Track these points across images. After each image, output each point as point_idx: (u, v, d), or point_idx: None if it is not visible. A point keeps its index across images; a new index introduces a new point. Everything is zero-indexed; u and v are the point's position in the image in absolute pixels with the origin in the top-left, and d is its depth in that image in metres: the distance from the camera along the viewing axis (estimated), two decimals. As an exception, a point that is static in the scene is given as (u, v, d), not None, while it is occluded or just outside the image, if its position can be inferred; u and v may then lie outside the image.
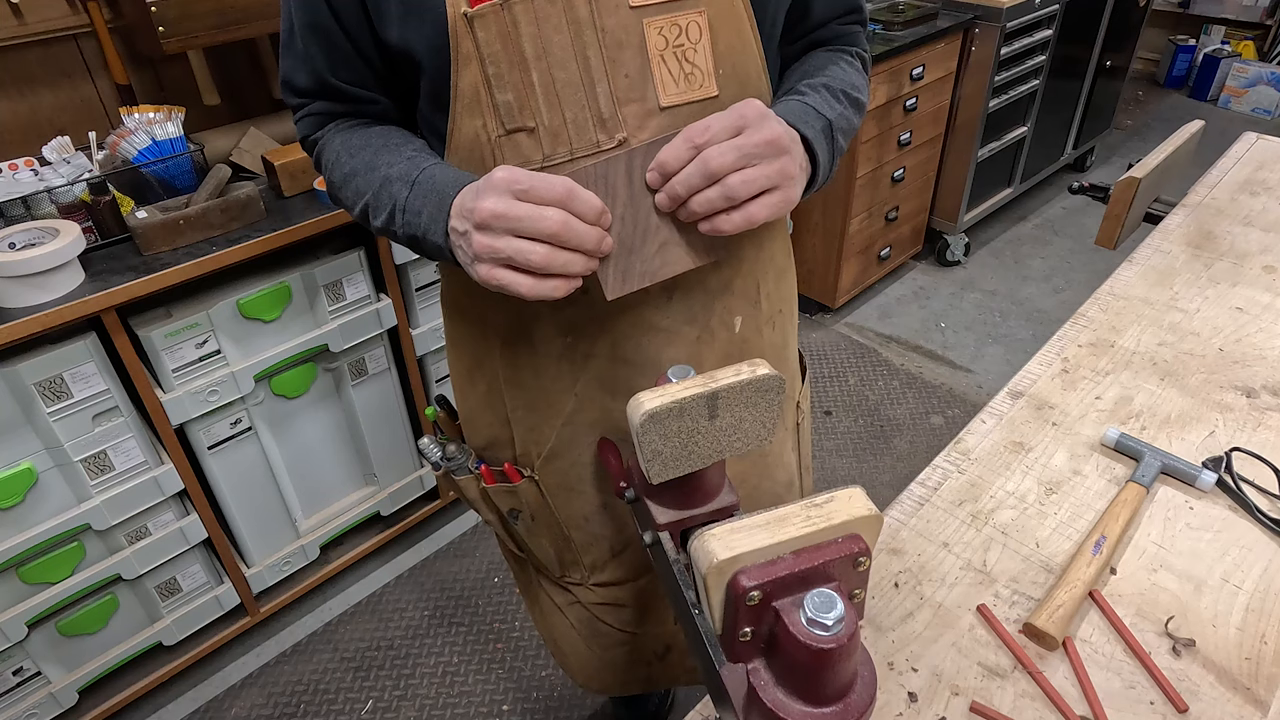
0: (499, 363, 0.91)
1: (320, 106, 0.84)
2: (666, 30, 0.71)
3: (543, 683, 1.80)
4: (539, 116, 0.72)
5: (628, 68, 0.71)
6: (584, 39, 0.70)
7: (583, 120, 0.72)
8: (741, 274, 0.88)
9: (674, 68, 0.73)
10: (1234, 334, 1.12)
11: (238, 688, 1.83)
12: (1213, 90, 4.68)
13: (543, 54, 0.70)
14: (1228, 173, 1.58)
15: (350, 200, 0.81)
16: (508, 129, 0.73)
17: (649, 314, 0.83)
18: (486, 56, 0.70)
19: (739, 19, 0.75)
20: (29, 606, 1.50)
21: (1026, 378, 1.07)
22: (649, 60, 0.71)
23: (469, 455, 1.00)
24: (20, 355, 1.35)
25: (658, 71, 0.72)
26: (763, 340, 0.93)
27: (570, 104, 0.72)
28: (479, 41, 0.69)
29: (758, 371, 0.58)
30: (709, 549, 0.48)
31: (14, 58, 1.61)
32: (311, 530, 1.93)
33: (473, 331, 0.92)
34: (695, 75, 0.73)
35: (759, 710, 0.50)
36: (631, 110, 0.73)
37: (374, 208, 0.77)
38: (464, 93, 0.72)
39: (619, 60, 0.71)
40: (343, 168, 0.80)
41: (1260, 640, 0.73)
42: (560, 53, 0.70)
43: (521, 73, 0.70)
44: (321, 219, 1.60)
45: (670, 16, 0.71)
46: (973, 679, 0.71)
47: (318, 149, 0.85)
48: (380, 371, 1.87)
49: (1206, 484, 0.88)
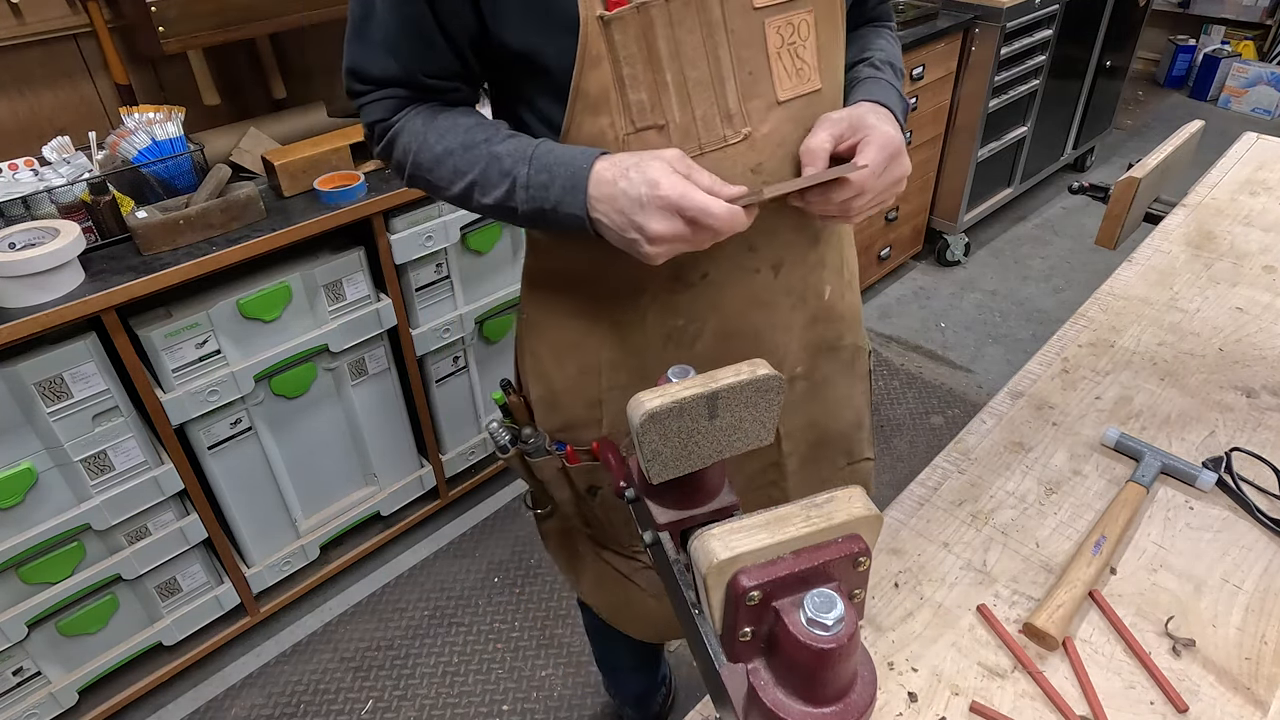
0: (603, 345, 0.93)
1: (396, 92, 0.83)
2: (783, 29, 0.77)
3: (543, 683, 1.80)
4: (670, 114, 0.76)
5: (751, 65, 0.76)
6: (715, 39, 0.74)
7: (711, 117, 0.77)
8: (832, 246, 0.95)
9: (788, 64, 0.78)
10: (1234, 334, 1.12)
11: (238, 688, 1.83)
12: (1213, 90, 4.68)
13: (676, 54, 0.73)
14: (1228, 173, 1.58)
15: (444, 180, 0.81)
16: (638, 127, 0.76)
17: (758, 291, 0.89)
18: (622, 58, 0.73)
19: (835, 15, 0.81)
20: (29, 606, 1.50)
21: (1026, 378, 1.07)
22: (768, 57, 0.77)
23: (545, 437, 1.02)
24: (20, 355, 1.35)
25: (775, 68, 0.78)
26: (844, 303, 1.01)
27: (700, 101, 0.76)
28: (615, 43, 0.72)
29: (758, 372, 0.58)
30: (709, 549, 0.48)
31: (14, 58, 1.61)
32: (311, 530, 1.93)
33: (573, 315, 0.95)
34: (804, 70, 0.80)
35: (759, 710, 0.50)
36: (755, 105, 0.78)
37: (482, 185, 0.78)
38: (589, 92, 0.74)
39: (744, 59, 0.76)
40: (432, 149, 0.81)
41: (1260, 640, 0.73)
42: (692, 52, 0.74)
43: (655, 73, 0.74)
44: (321, 219, 1.60)
45: (786, 16, 0.77)
46: (973, 679, 0.71)
47: (392, 132, 0.84)
48: (380, 371, 1.87)
49: (1206, 484, 0.88)
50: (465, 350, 2.04)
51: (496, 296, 2.02)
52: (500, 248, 1.98)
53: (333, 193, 1.64)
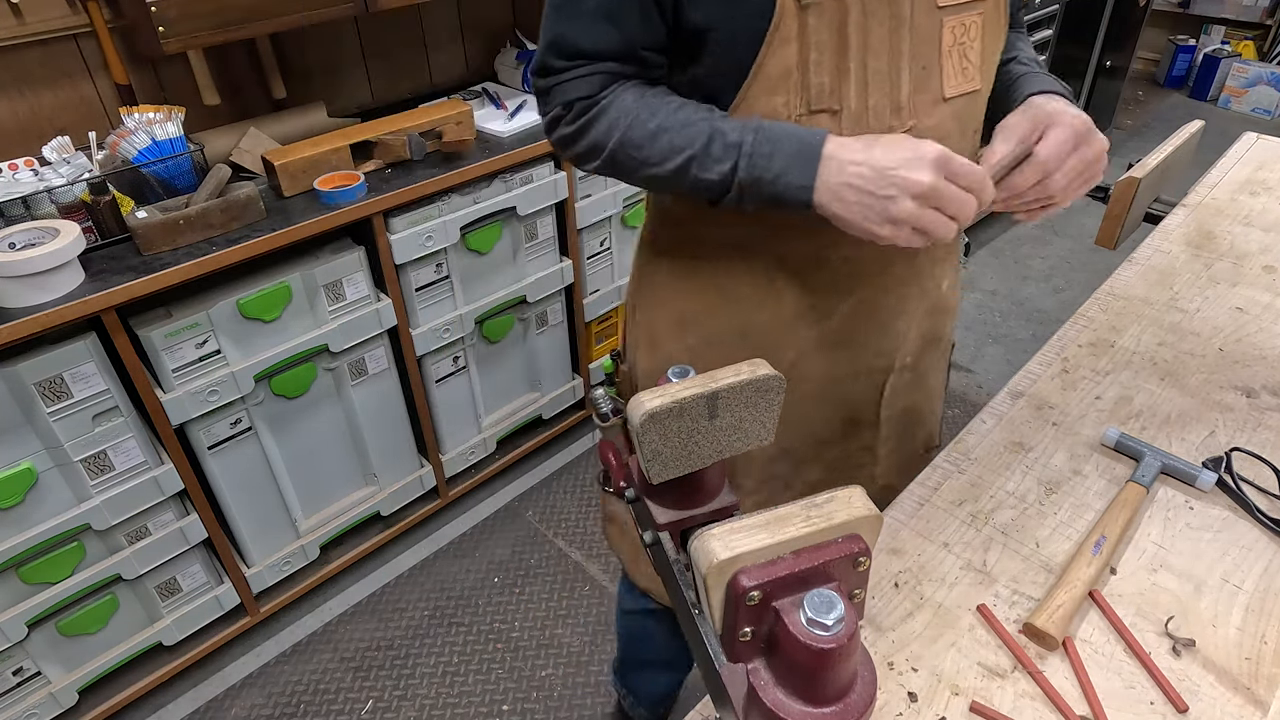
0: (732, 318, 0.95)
1: (606, 66, 0.83)
2: (956, 28, 0.80)
3: (543, 683, 1.80)
4: (846, 100, 0.78)
5: (924, 60, 0.79)
6: (900, 33, 0.77)
7: (882, 107, 0.80)
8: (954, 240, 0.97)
9: (956, 62, 0.82)
10: (1234, 334, 1.12)
11: (238, 688, 1.83)
12: (1213, 90, 4.68)
13: (863, 44, 0.76)
14: (1228, 173, 1.58)
15: (658, 154, 0.80)
16: (812, 109, 0.79)
17: (891, 277, 0.93)
18: (812, 42, 0.75)
19: (1000, 18, 0.84)
20: (29, 606, 1.50)
21: (1026, 378, 1.07)
22: (940, 54, 0.80)
23: None
24: (20, 355, 1.35)
25: (945, 65, 0.81)
26: (956, 296, 1.06)
27: (875, 91, 0.78)
28: (808, 27, 0.74)
29: (758, 372, 0.58)
30: (709, 549, 0.48)
31: (14, 58, 1.61)
32: (311, 530, 1.93)
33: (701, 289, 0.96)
34: (968, 70, 0.83)
35: (759, 710, 0.50)
36: (922, 100, 0.81)
37: (701, 159, 0.78)
38: (770, 72, 0.77)
39: (919, 54, 0.79)
40: (645, 125, 0.80)
41: (1260, 640, 0.73)
42: (878, 44, 0.77)
43: (840, 59, 0.77)
44: (321, 219, 1.60)
45: (960, 16, 0.80)
46: (973, 679, 0.71)
47: (597, 109, 0.83)
48: (380, 371, 1.87)
49: (1206, 484, 0.88)
50: (465, 350, 2.04)
51: (496, 296, 2.02)
52: (500, 247, 1.98)
53: (333, 193, 1.64)
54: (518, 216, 1.96)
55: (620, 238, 2.28)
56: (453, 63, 2.30)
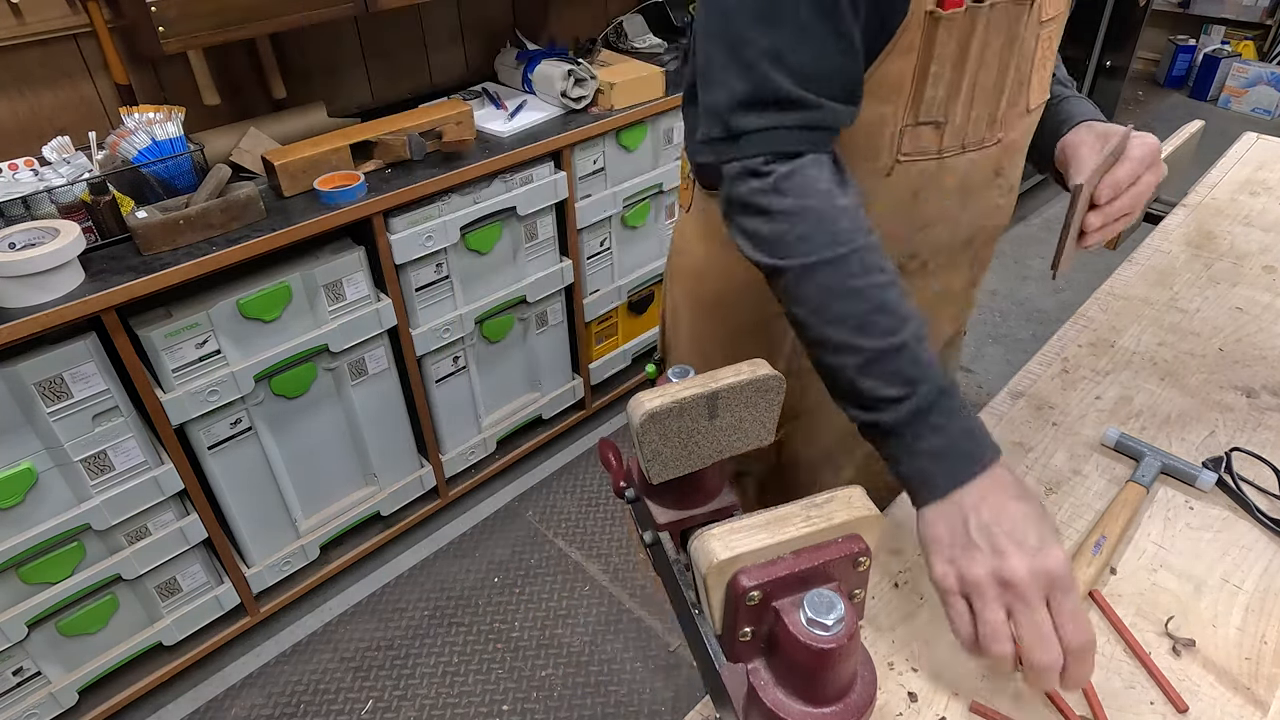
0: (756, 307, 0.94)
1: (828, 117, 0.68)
2: (1044, 42, 0.79)
3: (543, 683, 1.80)
4: (953, 114, 0.77)
5: (1021, 75, 0.79)
6: (1011, 49, 0.76)
7: (981, 119, 0.79)
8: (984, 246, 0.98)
9: (1042, 75, 0.82)
10: (1234, 334, 1.12)
11: (238, 688, 1.83)
12: (1213, 90, 4.68)
13: (980, 58, 0.75)
14: (1228, 173, 1.58)
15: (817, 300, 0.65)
16: (920, 120, 0.77)
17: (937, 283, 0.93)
18: (935, 55, 0.73)
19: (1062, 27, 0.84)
20: (29, 606, 1.50)
21: (1026, 378, 1.07)
22: (1033, 67, 0.79)
23: None
24: (20, 355, 1.35)
25: (1034, 78, 0.80)
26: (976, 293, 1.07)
27: (980, 104, 0.78)
28: (935, 40, 0.72)
29: (758, 372, 0.58)
30: (709, 549, 0.48)
31: (14, 58, 1.61)
32: (311, 530, 1.93)
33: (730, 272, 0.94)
34: (1045, 81, 0.83)
35: (759, 710, 0.50)
36: (1012, 113, 0.81)
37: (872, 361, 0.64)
38: (884, 80, 0.74)
39: (1019, 68, 0.78)
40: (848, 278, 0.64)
41: (1260, 640, 0.73)
42: (992, 59, 0.75)
43: (957, 73, 0.75)
44: (321, 219, 1.60)
45: (1050, 29, 0.80)
46: (973, 679, 0.71)
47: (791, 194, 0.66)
48: (380, 371, 1.87)
49: (1206, 484, 0.88)
50: (465, 350, 2.04)
51: (496, 296, 2.02)
52: (500, 247, 1.98)
53: (333, 193, 1.64)
54: (518, 216, 1.96)
55: (620, 238, 2.28)
56: (453, 63, 2.30)
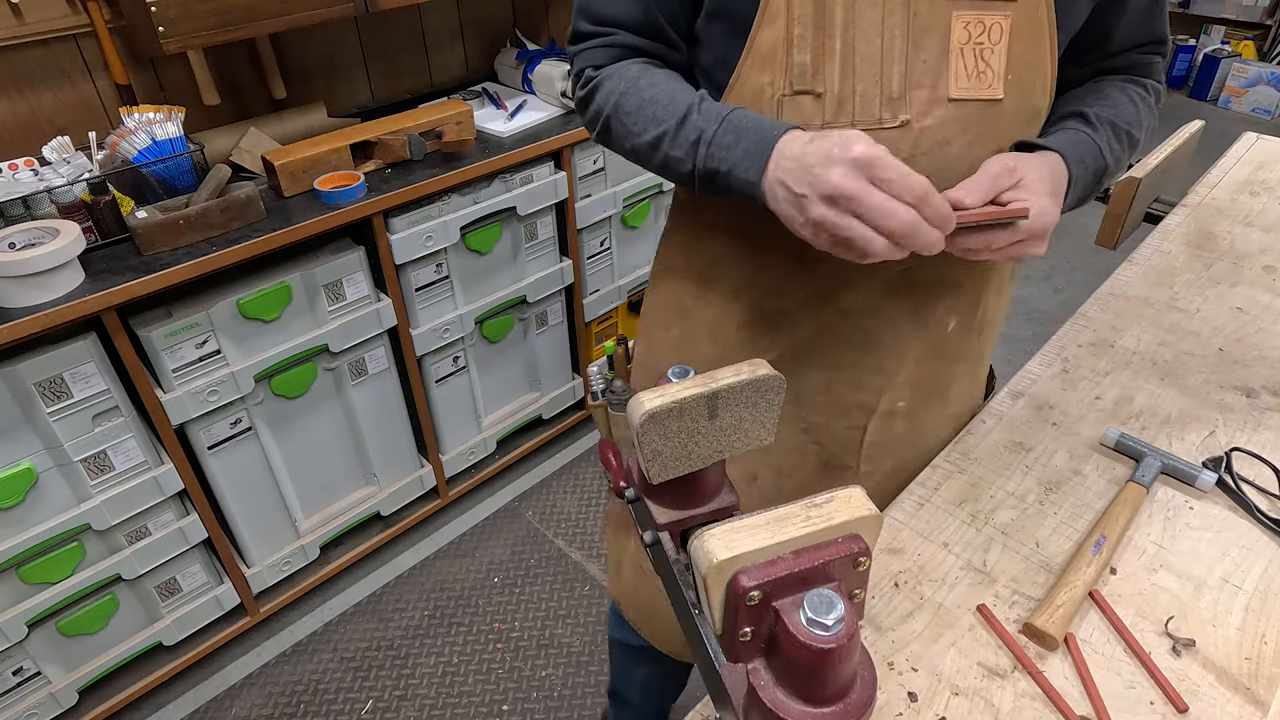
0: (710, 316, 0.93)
1: (625, 39, 0.83)
2: (972, 26, 0.74)
3: (543, 683, 1.80)
4: (829, 83, 0.75)
5: (926, 54, 0.74)
6: (894, 19, 0.73)
7: (871, 95, 0.75)
8: (973, 278, 0.90)
9: (969, 63, 0.75)
10: (1234, 334, 1.12)
11: (238, 688, 1.83)
12: (1213, 90, 4.68)
13: (851, 24, 0.73)
14: (1228, 173, 1.58)
15: (638, 127, 0.80)
16: (795, 90, 0.76)
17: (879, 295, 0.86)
18: (796, 16, 0.72)
19: (1040, 31, 0.76)
20: (29, 606, 1.50)
21: (1026, 378, 1.07)
22: (948, 51, 0.74)
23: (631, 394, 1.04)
24: (20, 355, 1.35)
25: (954, 63, 0.75)
26: (965, 345, 0.95)
27: (863, 77, 0.74)
28: (791, 1, 0.72)
29: (758, 372, 0.58)
30: (709, 549, 0.48)
31: (14, 58, 1.61)
32: (311, 530, 1.93)
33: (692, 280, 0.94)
34: (986, 75, 0.75)
35: (759, 710, 0.50)
36: (920, 95, 0.75)
37: (671, 137, 0.77)
38: (760, 48, 0.75)
39: (920, 45, 0.73)
40: (639, 94, 0.80)
41: (1260, 640, 0.73)
42: (868, 27, 0.73)
43: (825, 38, 0.73)
44: (321, 219, 1.60)
45: (978, 14, 0.74)
46: (973, 679, 0.71)
47: (601, 76, 0.83)
48: (380, 371, 1.87)
49: (1206, 484, 0.88)
50: (465, 350, 2.04)
51: (496, 296, 2.02)
52: (500, 248, 1.98)
53: (333, 193, 1.64)
54: (518, 216, 1.96)
55: (620, 238, 2.28)
56: (453, 63, 2.30)
